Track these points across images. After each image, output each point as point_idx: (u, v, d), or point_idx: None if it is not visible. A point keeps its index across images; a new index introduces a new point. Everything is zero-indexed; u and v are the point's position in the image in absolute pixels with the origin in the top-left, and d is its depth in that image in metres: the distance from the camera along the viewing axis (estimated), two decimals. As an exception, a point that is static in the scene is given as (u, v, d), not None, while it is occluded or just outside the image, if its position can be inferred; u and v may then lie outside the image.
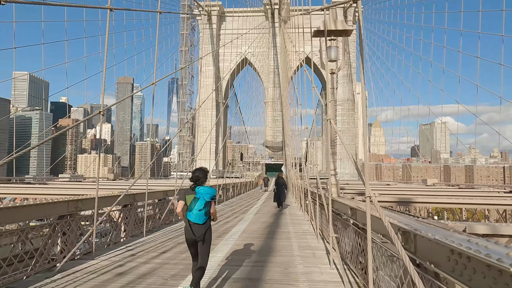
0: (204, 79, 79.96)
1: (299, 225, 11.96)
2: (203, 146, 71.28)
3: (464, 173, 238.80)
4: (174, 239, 8.90)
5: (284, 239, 9.19)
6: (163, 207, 11.43)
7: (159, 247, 7.89)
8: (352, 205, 5.98)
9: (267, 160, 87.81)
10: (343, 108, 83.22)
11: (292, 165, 34.27)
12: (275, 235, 9.81)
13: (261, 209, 17.50)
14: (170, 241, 8.53)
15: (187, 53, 79.86)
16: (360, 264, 5.91)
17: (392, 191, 17.93)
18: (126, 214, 8.99)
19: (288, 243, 8.58)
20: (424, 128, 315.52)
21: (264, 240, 8.87)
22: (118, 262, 6.39)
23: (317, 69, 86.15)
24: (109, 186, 17.61)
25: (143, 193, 9.18)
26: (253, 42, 68.28)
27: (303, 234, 10.05)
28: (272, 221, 12.87)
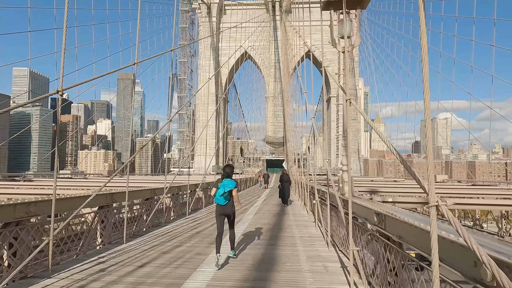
0: (204, 73, 78.42)
1: (305, 227, 10.59)
2: (198, 139, 69.88)
3: (466, 169, 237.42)
4: (158, 246, 7.53)
5: (288, 246, 7.82)
6: (151, 207, 10.07)
7: (138, 258, 6.52)
8: (381, 211, 4.61)
9: (268, 156, 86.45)
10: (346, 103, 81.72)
11: (294, 161, 32.96)
12: (278, 240, 8.44)
13: (261, 208, 16.14)
14: (153, 250, 7.16)
15: (186, 46, 78.20)
16: (389, 287, 4.55)
17: (406, 189, 16.56)
18: (102, 217, 7.62)
19: (294, 252, 7.21)
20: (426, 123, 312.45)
21: (264, 248, 7.51)
22: (80, 282, 5.02)
23: (318, 64, 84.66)
24: (94, 183, 16.27)
25: (124, 192, 7.80)
26: (253, 34, 66.62)
27: (310, 239, 8.67)
28: (274, 223, 11.50)
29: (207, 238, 8.60)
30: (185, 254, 6.85)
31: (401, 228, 4.03)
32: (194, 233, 9.26)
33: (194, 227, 10.25)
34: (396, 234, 4.20)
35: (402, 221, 3.88)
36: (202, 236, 8.89)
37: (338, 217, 7.78)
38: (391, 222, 4.35)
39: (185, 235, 9.02)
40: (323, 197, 10.51)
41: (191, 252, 7.06)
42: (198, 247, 7.55)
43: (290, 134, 45.43)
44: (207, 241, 8.14)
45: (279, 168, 72.72)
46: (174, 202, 12.73)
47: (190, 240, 8.28)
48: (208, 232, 9.44)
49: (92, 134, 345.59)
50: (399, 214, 4.25)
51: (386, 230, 4.51)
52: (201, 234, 9.12)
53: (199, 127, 79.05)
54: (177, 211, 12.87)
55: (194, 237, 8.67)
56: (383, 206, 5.03)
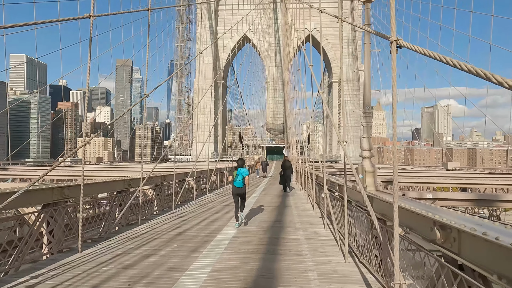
0: (202, 57, 75.83)
1: (311, 225, 8.82)
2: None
3: (466, 156, 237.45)
4: (122, 256, 5.74)
5: (293, 254, 6.04)
6: (125, 202, 8.27)
7: (87, 277, 4.74)
8: (450, 222, 2.77)
9: (267, 143, 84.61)
10: (348, 88, 79.53)
11: (295, 148, 31.11)
12: (279, 245, 6.67)
13: (260, 199, 14.38)
14: (114, 263, 5.38)
15: (184, 30, 75.62)
16: None
17: (422, 178, 14.81)
18: (49, 218, 5.82)
19: (300, 265, 5.43)
20: (426, 111, 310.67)
21: (261, 260, 5.71)
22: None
23: (319, 48, 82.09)
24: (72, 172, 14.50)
25: (78, 186, 5.97)
26: (252, 17, 63.95)
27: (319, 243, 6.89)
28: (274, 219, 9.73)
29: (189, 241, 6.83)
30: (154, 270, 5.07)
31: (497, 258, 2.22)
32: (175, 235, 7.48)
33: (177, 226, 8.47)
34: (488, 269, 2.39)
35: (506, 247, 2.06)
36: (184, 238, 7.11)
37: (359, 219, 5.99)
38: (474, 244, 2.52)
39: (163, 237, 7.24)
40: (333, 188, 8.72)
41: (162, 266, 5.28)
42: (175, 257, 5.77)
43: (290, 120, 43.51)
44: (188, 247, 6.37)
45: (279, 155, 71.00)
46: (158, 194, 10.94)
47: (167, 245, 6.50)
48: (192, 233, 7.67)
49: (92, 121, 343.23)
50: (490, 231, 2.42)
51: (462, 256, 2.70)
52: (184, 236, 7.34)
53: (197, 114, 77.00)
54: (161, 204, 11.09)
55: (174, 241, 6.89)
56: (443, 212, 3.23)
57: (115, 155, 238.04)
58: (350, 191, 6.60)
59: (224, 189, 19.60)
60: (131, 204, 8.71)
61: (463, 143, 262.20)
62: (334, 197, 8.58)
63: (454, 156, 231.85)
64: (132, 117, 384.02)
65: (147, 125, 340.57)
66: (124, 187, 8.25)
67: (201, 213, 10.63)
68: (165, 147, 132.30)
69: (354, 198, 6.51)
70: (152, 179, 10.22)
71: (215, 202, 13.48)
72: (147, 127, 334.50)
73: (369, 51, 6.03)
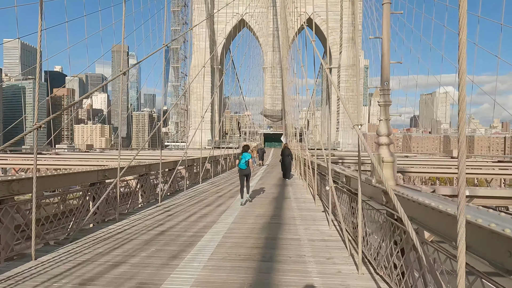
0: (198, 42, 74.02)
1: (313, 221, 7.77)
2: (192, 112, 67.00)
3: (464, 143, 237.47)
4: (85, 265, 4.67)
5: (294, 262, 4.98)
6: (99, 196, 7.18)
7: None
8: None
9: (265, 130, 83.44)
10: (347, 74, 78.17)
11: (295, 135, 30.01)
12: (277, 249, 5.61)
13: (257, 190, 13.32)
14: (71, 276, 4.30)
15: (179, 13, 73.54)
16: None
17: (434, 168, 13.80)
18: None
19: (304, 279, 4.37)
20: (425, 97, 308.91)
21: (255, 271, 4.64)
22: None
23: (320, 32, 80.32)
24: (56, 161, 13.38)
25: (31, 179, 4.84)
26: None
27: (325, 247, 5.83)
28: (271, 214, 8.67)
29: (171, 244, 5.77)
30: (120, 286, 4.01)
31: None
32: (155, 234, 6.41)
33: (160, 222, 7.40)
34: None
35: None
36: (165, 239, 6.05)
37: (373, 219, 4.93)
38: None
39: (142, 237, 6.18)
40: (337, 179, 7.65)
41: (130, 280, 4.20)
42: (149, 266, 4.70)
43: (289, 106, 42.29)
44: (167, 252, 5.31)
45: (278, 142, 69.96)
46: (142, 186, 9.86)
47: (143, 249, 5.44)
48: (177, 231, 6.61)
49: (88, 108, 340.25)
50: None
51: None
52: (166, 236, 6.28)
53: (194, 100, 75.54)
54: (146, 197, 10.01)
55: (152, 243, 5.83)
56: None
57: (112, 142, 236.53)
58: (362, 185, 5.53)
59: (220, 177, 18.55)
60: (108, 198, 7.64)
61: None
62: (339, 189, 7.52)
63: (452, 144, 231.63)
64: (129, 104, 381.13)
65: (144, 112, 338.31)
66: (98, 179, 7.15)
67: (191, 206, 9.57)
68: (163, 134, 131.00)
69: (366, 193, 5.44)
70: (134, 168, 9.12)
71: (207, 193, 12.42)
72: (144, 114, 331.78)
73: (388, 12, 4.87)
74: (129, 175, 9.35)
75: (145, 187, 9.95)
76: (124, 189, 9.79)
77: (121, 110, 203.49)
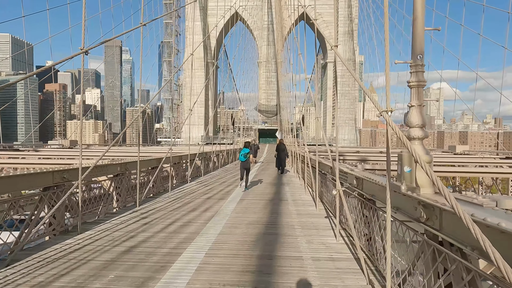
0: (191, 36, 72.23)
1: (316, 231, 6.53)
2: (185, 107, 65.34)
3: (457, 139, 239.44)
4: None
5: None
6: (56, 202, 5.85)
7: None
8: None
9: (260, 126, 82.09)
10: (343, 69, 76.87)
11: (290, 131, 28.79)
12: (274, 275, 4.35)
13: (250, 190, 12.07)
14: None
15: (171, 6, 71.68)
16: None
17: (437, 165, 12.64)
18: None
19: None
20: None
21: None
22: None
23: (314, 26, 78.87)
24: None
25: None
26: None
27: (334, 270, 4.56)
28: (266, 221, 7.40)
29: (138, 267, 4.48)
30: None
31: None
32: (121, 252, 5.11)
33: (132, 234, 6.10)
34: None
35: None
36: (132, 260, 4.75)
37: (402, 240, 3.67)
38: None
39: (103, 257, 4.87)
40: (344, 181, 6.38)
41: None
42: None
43: (284, 101, 41.01)
44: (131, 281, 4.02)
45: (273, 138, 68.71)
46: (118, 187, 8.55)
47: (99, 277, 4.14)
48: (149, 248, 5.31)
49: (81, 103, 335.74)
50: None
51: None
52: (133, 255, 4.98)
53: (187, 95, 73.89)
54: (123, 200, 8.70)
55: (114, 265, 4.53)
56: None
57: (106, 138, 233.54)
58: (383, 192, 4.30)
59: (211, 175, 17.25)
60: (67, 204, 6.33)
61: (454, 126, 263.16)
62: (348, 193, 6.27)
63: (446, 139, 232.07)
64: (122, 99, 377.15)
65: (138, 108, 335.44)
66: (54, 181, 5.83)
67: (173, 211, 8.28)
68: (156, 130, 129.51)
69: (384, 199, 4.20)
70: (106, 168, 7.79)
71: (195, 194, 11.13)
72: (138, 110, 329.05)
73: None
74: (102, 175, 8.04)
75: (121, 189, 8.63)
76: (97, 192, 8.48)
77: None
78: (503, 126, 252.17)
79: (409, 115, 3.83)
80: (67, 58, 5.79)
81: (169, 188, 11.35)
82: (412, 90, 3.85)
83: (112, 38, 7.30)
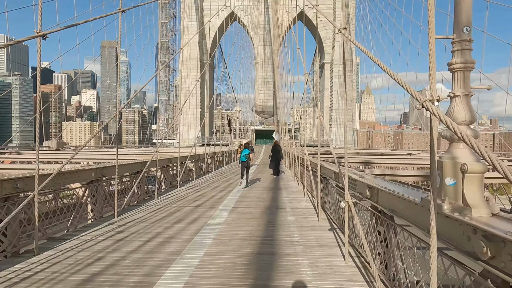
0: (186, 35, 71.17)
1: (321, 249, 5.52)
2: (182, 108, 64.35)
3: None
4: None
5: None
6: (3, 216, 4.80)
7: None
8: None
9: (257, 127, 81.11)
10: (340, 69, 76.14)
11: (288, 131, 27.84)
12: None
13: (244, 196, 11.06)
14: None
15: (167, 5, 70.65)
16: None
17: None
18: None
19: None
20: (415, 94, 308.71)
21: None
22: None
23: (312, 26, 78.12)
24: None
25: None
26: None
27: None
28: (261, 235, 6.39)
29: None
30: None
31: None
32: (79, 284, 4.09)
33: (98, 256, 5.06)
34: None
35: None
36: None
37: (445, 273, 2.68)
38: None
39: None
40: (353, 189, 5.38)
41: None
42: None
43: (281, 102, 40.05)
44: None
45: (270, 139, 67.70)
46: (94, 196, 7.51)
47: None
48: (116, 275, 4.29)
49: (77, 105, 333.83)
50: None
51: None
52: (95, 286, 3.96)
53: (183, 95, 72.78)
54: (98, 210, 7.65)
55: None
56: None
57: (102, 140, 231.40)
58: (405, 205, 3.32)
59: (204, 179, 16.23)
60: (28, 217, 5.30)
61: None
62: (359, 205, 5.28)
63: (442, 140, 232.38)
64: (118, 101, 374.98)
65: (134, 109, 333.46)
66: (2, 193, 4.79)
67: (156, 222, 7.26)
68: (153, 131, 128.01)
69: (416, 221, 3.23)
70: (77, 174, 6.76)
71: (183, 201, 10.09)
72: (135, 111, 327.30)
73: None
74: (71, 182, 7.01)
75: (98, 197, 7.59)
76: (68, 202, 7.44)
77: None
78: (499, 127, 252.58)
79: (452, 108, 2.85)
80: (19, 40, 4.79)
81: (155, 195, 10.30)
82: (456, 74, 2.86)
83: (80, 23, 6.28)
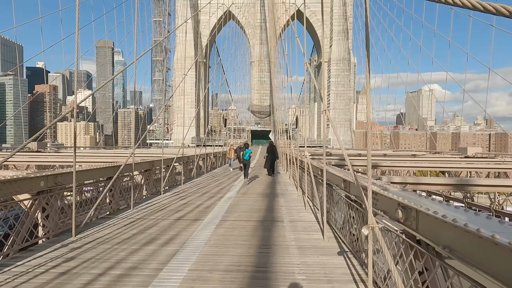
0: (181, 34, 69.69)
1: (327, 277, 4.12)
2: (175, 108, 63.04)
3: (450, 141, 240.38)
4: None
5: None
6: None
7: None
8: None
9: (253, 127, 79.67)
10: (338, 68, 75.00)
11: (285, 132, 26.53)
12: None
13: (235, 205, 9.65)
14: None
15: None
16: None
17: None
18: None
19: None
20: (411, 95, 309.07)
21: None
22: None
23: (309, 25, 76.83)
24: None
25: None
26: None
27: None
28: (253, 263, 4.96)
29: None
30: None
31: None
32: None
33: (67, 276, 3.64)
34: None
35: None
36: None
37: None
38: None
39: None
40: (373, 204, 3.96)
41: None
42: None
43: (277, 101, 38.74)
44: None
45: (266, 140, 66.32)
46: (45, 210, 6.06)
47: None
48: None
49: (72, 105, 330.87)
50: None
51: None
52: None
53: (177, 95, 71.28)
54: (52, 227, 6.19)
55: None
56: None
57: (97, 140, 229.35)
58: (477, 245, 1.96)
59: (194, 183, 14.80)
60: None
61: (446, 127, 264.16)
62: (389, 231, 3.87)
63: (438, 140, 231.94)
64: (114, 101, 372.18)
65: (130, 109, 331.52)
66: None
67: (122, 243, 5.82)
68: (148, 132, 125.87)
69: (480, 262, 1.84)
70: (22, 182, 5.31)
71: (164, 211, 8.63)
72: (130, 111, 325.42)
73: None
74: (22, 192, 5.59)
75: (50, 210, 6.14)
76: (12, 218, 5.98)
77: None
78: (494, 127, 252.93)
79: None
80: None
81: (131, 204, 8.84)
82: None
83: None
